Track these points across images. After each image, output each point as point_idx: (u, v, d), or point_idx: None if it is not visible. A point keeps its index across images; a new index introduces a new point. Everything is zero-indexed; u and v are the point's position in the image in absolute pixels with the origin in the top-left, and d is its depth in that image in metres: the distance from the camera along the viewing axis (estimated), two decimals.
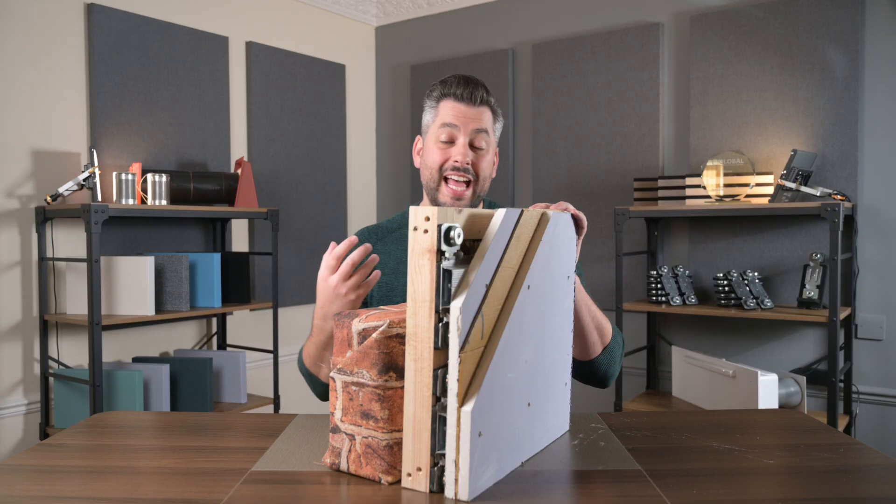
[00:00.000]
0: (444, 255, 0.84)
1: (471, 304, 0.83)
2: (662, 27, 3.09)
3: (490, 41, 3.61)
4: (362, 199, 3.95)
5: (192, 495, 0.87)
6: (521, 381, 0.93)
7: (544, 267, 0.98)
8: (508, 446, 0.92)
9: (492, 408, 0.86)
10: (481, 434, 0.84)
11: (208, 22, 3.14)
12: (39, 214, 2.56)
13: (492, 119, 1.41)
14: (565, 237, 1.06)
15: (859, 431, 2.69)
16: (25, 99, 2.55)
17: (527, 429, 0.97)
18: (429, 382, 0.84)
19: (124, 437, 1.16)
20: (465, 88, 1.37)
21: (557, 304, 1.05)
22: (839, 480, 0.91)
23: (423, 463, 0.85)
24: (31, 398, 2.61)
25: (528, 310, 0.94)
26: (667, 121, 3.10)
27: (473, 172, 1.37)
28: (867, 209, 2.66)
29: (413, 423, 0.85)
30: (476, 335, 0.84)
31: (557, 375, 1.07)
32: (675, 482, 0.90)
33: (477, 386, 0.83)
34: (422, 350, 0.84)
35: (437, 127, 1.39)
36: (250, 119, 3.33)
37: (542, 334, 1.00)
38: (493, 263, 0.87)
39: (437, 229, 0.83)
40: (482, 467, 0.85)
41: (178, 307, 2.69)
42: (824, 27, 2.70)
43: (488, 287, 0.86)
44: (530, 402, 0.96)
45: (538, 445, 1.01)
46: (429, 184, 1.41)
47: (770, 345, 2.85)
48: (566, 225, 1.07)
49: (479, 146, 1.38)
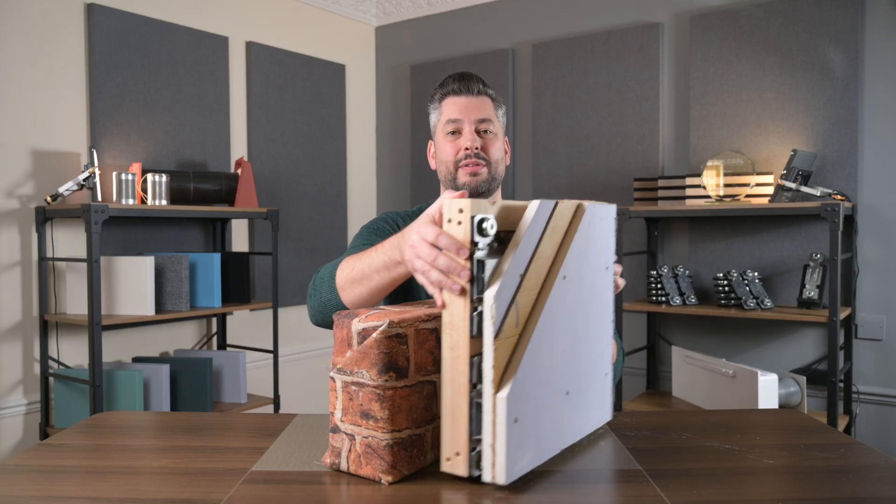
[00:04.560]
0: (478, 246, 0.86)
1: (504, 293, 0.85)
2: (662, 27, 3.09)
3: (490, 41, 3.61)
4: (362, 199, 3.95)
5: (192, 495, 0.87)
6: (559, 370, 0.95)
7: (580, 257, 0.99)
8: (547, 433, 0.93)
9: (527, 394, 0.87)
10: (517, 420, 0.86)
11: (208, 22, 3.14)
12: (39, 214, 2.56)
13: (493, 107, 1.45)
14: (603, 228, 1.06)
15: (859, 431, 2.69)
16: (25, 99, 2.55)
17: (566, 417, 0.98)
18: (465, 370, 0.86)
19: (124, 437, 1.16)
20: (461, 82, 1.43)
21: (596, 295, 1.05)
22: (839, 480, 0.91)
23: (461, 448, 0.87)
24: (31, 398, 2.61)
25: (563, 300, 0.95)
26: (667, 121, 3.10)
27: (485, 157, 1.42)
28: (867, 209, 2.66)
29: (451, 409, 0.87)
30: (510, 324, 0.86)
31: (597, 365, 1.07)
32: (675, 482, 0.90)
33: (511, 373, 0.85)
34: (458, 339, 0.86)
35: (442, 124, 1.44)
36: (250, 119, 3.33)
37: (580, 324, 1.00)
38: (527, 253, 0.89)
39: (471, 220, 0.85)
40: (519, 452, 0.87)
41: (178, 307, 2.69)
42: (824, 27, 2.70)
43: (522, 277, 0.88)
44: (569, 390, 0.98)
45: (578, 434, 1.02)
46: (446, 178, 1.44)
47: (770, 345, 2.85)
48: (605, 216, 1.06)
49: (485, 131, 1.43)
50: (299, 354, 3.54)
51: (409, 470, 0.92)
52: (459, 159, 1.41)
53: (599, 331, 1.07)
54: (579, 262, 0.98)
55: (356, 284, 1.14)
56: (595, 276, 1.04)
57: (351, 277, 1.15)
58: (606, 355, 1.10)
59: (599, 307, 1.06)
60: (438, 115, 1.46)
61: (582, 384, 1.01)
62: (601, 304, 1.07)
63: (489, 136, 1.43)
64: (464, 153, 1.41)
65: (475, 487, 0.88)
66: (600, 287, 1.06)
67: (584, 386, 1.02)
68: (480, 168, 1.41)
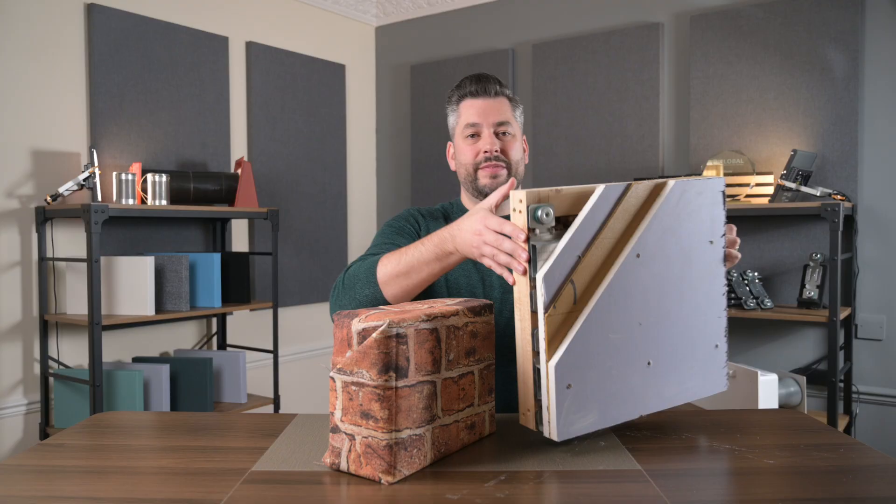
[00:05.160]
0: (535, 232, 0.98)
1: (555, 274, 0.96)
2: (662, 27, 3.09)
3: (490, 41, 3.61)
4: (362, 199, 3.95)
5: (192, 495, 0.87)
6: (636, 342, 1.03)
7: (663, 234, 1.04)
8: (618, 399, 1.02)
9: (584, 364, 0.98)
10: (570, 386, 0.97)
11: (208, 22, 3.14)
12: (39, 214, 2.56)
13: (510, 108, 1.47)
14: (703, 203, 1.08)
15: (859, 431, 2.69)
16: (25, 99, 2.55)
17: (648, 385, 1.05)
18: (528, 339, 0.99)
19: (124, 437, 1.16)
20: (479, 84, 1.45)
21: (693, 270, 1.08)
22: (839, 480, 0.91)
23: (529, 406, 1.01)
24: (31, 398, 2.61)
25: (637, 276, 1.02)
26: (667, 121, 3.10)
27: (504, 158, 1.44)
28: (867, 209, 2.66)
29: (522, 372, 1.02)
30: (566, 300, 0.97)
31: (697, 337, 1.10)
32: (675, 482, 0.90)
33: (563, 344, 0.97)
34: (523, 312, 1.00)
35: (461, 127, 1.47)
36: (250, 119, 3.33)
37: (666, 299, 1.06)
38: (585, 235, 0.98)
39: (527, 210, 0.97)
40: (576, 415, 0.98)
41: (178, 307, 2.69)
42: (824, 27, 2.70)
43: (581, 257, 0.98)
44: (650, 360, 1.05)
45: (666, 402, 1.08)
46: (466, 180, 1.47)
47: (770, 345, 2.85)
48: (703, 191, 1.08)
49: (503, 133, 1.45)
50: (299, 354, 3.54)
51: (409, 470, 0.92)
52: (479, 162, 1.44)
53: (700, 304, 1.10)
54: (660, 239, 1.04)
55: (402, 278, 1.20)
56: (692, 251, 1.08)
57: (397, 271, 1.21)
58: (715, 327, 1.12)
59: (700, 281, 1.09)
60: (457, 118, 1.48)
61: (670, 355, 1.07)
62: (702, 277, 1.10)
63: (507, 138, 1.45)
64: (483, 156, 1.43)
65: (475, 486, 0.88)
66: (701, 261, 1.09)
67: (673, 357, 1.08)
68: (500, 170, 1.43)
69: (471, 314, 1.04)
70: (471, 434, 1.04)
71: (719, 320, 1.12)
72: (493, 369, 1.09)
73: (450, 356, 0.99)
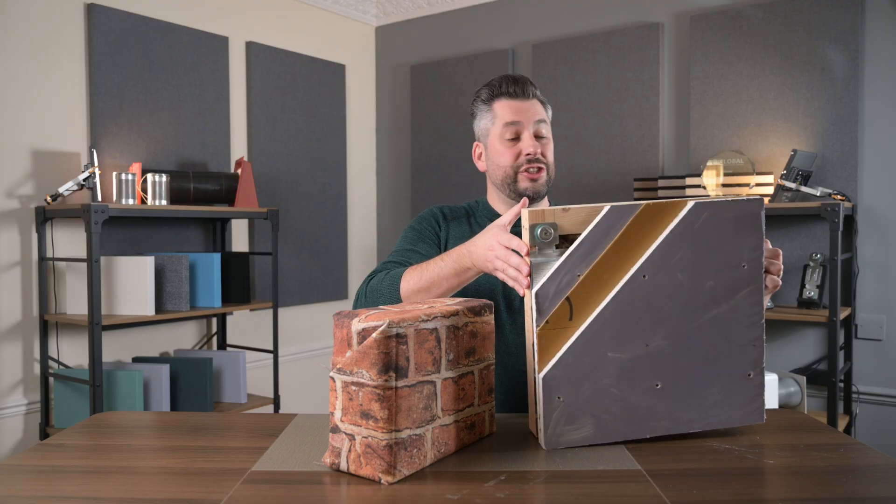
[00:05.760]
0: (538, 250, 1.02)
1: (548, 290, 1.01)
2: (662, 27, 3.09)
3: (490, 41, 3.61)
4: (362, 199, 3.95)
5: (192, 495, 0.87)
6: (641, 363, 1.03)
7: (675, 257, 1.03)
8: (620, 417, 1.03)
9: (577, 378, 1.01)
10: (561, 399, 1.01)
11: (208, 22, 3.14)
12: (39, 214, 2.56)
13: (544, 110, 1.48)
14: (731, 225, 1.04)
15: (859, 431, 2.69)
16: (25, 99, 2.55)
17: (655, 407, 1.04)
18: (531, 349, 1.05)
19: (124, 437, 1.16)
20: (516, 86, 1.45)
21: (718, 295, 1.04)
22: (839, 480, 0.91)
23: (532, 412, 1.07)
24: (31, 398, 2.61)
25: (645, 298, 1.03)
26: (667, 121, 3.10)
27: (544, 161, 1.44)
28: (867, 209, 2.66)
29: (529, 381, 1.07)
30: (561, 316, 1.01)
31: (723, 365, 1.06)
32: (675, 482, 0.90)
33: (553, 358, 1.01)
34: (528, 324, 1.06)
35: (499, 127, 1.45)
36: (250, 119, 3.33)
37: (682, 323, 1.04)
38: (584, 255, 1.01)
39: (529, 229, 1.01)
40: (567, 426, 1.02)
41: (178, 307, 2.69)
42: (824, 27, 2.70)
43: (580, 276, 1.01)
44: (659, 383, 1.04)
45: (682, 427, 1.06)
46: (503, 182, 1.46)
47: (770, 345, 2.85)
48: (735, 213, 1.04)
49: (542, 135, 1.45)
50: (299, 354, 3.54)
51: (409, 470, 0.92)
52: (520, 164, 1.43)
53: (724, 330, 1.05)
54: (673, 261, 1.03)
55: (423, 293, 1.27)
56: (717, 275, 1.04)
57: (418, 287, 1.28)
58: (744, 355, 1.06)
59: (725, 307, 1.05)
60: (492, 118, 1.46)
61: (684, 380, 1.05)
62: (728, 303, 1.05)
63: (545, 141, 1.45)
64: (524, 158, 1.42)
65: (475, 486, 0.88)
66: (727, 287, 1.05)
67: (689, 382, 1.05)
68: (541, 174, 1.44)
69: (471, 314, 1.04)
70: (471, 434, 1.04)
71: (753, 349, 1.06)
72: (492, 369, 1.09)
73: (450, 356, 0.99)
